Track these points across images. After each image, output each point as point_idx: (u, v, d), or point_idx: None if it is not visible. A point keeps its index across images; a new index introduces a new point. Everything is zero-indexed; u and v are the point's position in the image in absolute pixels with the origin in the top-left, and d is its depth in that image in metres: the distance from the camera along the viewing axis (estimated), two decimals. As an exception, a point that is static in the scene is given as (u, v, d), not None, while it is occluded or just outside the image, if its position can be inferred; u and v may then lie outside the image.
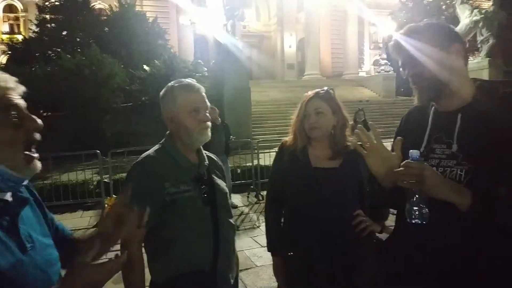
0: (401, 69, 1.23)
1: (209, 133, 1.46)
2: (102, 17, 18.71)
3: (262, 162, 7.37)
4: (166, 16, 25.49)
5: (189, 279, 1.36)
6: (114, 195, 5.99)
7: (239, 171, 7.49)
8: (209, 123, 1.46)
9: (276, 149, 1.90)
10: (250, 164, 7.37)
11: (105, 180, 6.51)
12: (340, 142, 1.72)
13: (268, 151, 7.65)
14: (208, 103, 1.47)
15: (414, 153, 1.05)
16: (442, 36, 1.16)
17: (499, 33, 15.38)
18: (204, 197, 1.42)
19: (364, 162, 1.24)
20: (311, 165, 1.72)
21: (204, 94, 1.47)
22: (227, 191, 1.57)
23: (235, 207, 6.18)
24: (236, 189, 6.96)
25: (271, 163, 7.64)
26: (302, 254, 1.69)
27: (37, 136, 0.92)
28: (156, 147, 1.48)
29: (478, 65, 15.17)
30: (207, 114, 1.46)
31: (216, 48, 16.10)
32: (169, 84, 1.47)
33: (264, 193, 6.86)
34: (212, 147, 6.01)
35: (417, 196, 1.04)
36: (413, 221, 1.05)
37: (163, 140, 1.49)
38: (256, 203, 6.51)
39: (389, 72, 21.23)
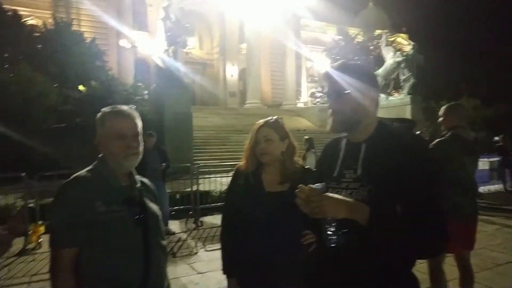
0: (325, 97, 1.40)
1: (136, 160, 1.49)
2: (34, 34, 17.67)
3: (201, 188, 7.32)
4: (105, 38, 24.78)
5: None
6: (40, 221, 5.52)
7: (178, 196, 7.37)
8: (137, 150, 1.49)
9: (214, 175, 1.99)
10: (190, 189, 7.30)
11: (30, 205, 6.01)
12: (289, 167, 1.86)
13: (208, 176, 7.69)
14: (139, 129, 1.50)
15: (317, 186, 1.23)
16: (367, 81, 1.34)
17: (418, 74, 17.33)
18: (135, 218, 1.45)
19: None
20: (264, 189, 1.83)
21: (136, 121, 1.50)
22: (159, 214, 1.59)
23: (173, 233, 6.03)
24: (174, 215, 6.83)
25: (211, 188, 7.66)
26: (252, 276, 1.75)
27: None
28: (88, 168, 1.49)
29: (401, 101, 16.81)
30: (138, 141, 1.49)
31: (157, 72, 15.96)
32: (103, 108, 1.50)
33: (203, 219, 6.85)
34: (146, 173, 5.88)
35: (328, 220, 1.21)
36: (332, 244, 1.21)
37: (95, 162, 1.51)
38: (194, 229, 6.39)
39: (325, 104, 22.56)
